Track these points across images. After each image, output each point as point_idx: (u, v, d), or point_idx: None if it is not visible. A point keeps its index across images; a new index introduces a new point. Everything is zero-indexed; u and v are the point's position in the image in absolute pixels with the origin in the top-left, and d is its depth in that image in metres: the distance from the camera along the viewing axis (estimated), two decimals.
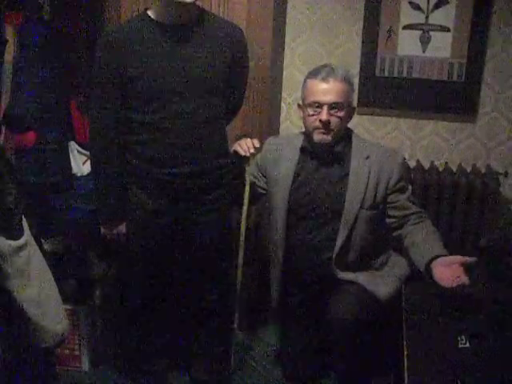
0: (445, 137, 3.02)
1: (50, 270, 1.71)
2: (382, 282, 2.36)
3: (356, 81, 3.03)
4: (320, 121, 2.31)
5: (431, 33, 2.91)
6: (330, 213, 2.37)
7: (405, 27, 2.92)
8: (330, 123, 2.31)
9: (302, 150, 2.44)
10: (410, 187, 2.46)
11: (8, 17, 2.42)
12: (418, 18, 2.90)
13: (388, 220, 2.38)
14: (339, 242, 2.34)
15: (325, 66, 2.38)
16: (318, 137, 2.35)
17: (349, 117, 2.41)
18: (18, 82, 2.46)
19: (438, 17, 2.89)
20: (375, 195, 2.34)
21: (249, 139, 2.47)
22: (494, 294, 2.13)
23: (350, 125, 3.02)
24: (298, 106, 2.48)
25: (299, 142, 2.47)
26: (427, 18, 2.90)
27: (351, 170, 2.36)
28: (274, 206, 2.46)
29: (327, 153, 2.39)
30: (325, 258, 2.37)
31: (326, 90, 2.31)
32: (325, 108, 2.31)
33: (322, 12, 3.00)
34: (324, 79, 2.32)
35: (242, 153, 2.44)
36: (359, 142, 2.43)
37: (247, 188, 2.48)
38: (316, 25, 3.02)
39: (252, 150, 2.44)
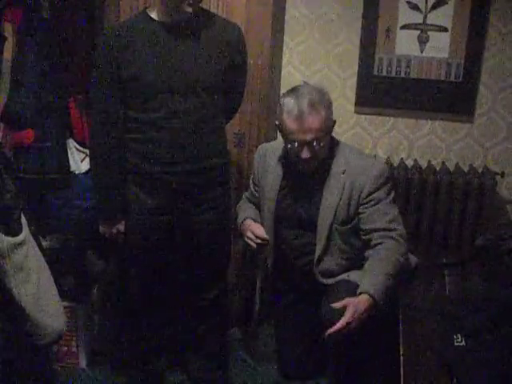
0: (442, 136, 3.03)
1: (48, 267, 1.72)
2: None
3: (354, 80, 3.04)
4: (301, 158, 2.24)
5: (429, 33, 2.91)
6: (308, 224, 2.37)
7: (403, 27, 2.93)
8: (311, 158, 2.23)
9: (286, 162, 2.42)
10: (387, 200, 2.28)
11: (7, 14, 2.43)
12: (416, 17, 2.91)
13: (360, 233, 2.32)
14: (317, 254, 2.35)
15: (298, 96, 2.19)
16: (300, 167, 2.31)
17: (330, 133, 2.30)
18: (16, 79, 2.46)
19: (436, 17, 2.89)
20: (348, 210, 2.29)
21: (249, 232, 2.39)
22: (490, 293, 2.14)
23: (348, 125, 3.07)
24: (277, 126, 2.33)
25: (284, 154, 2.42)
26: (425, 18, 2.90)
27: (325, 185, 2.31)
28: (263, 215, 2.49)
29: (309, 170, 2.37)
30: (308, 263, 2.39)
31: (304, 129, 2.17)
32: (305, 147, 2.21)
33: (320, 11, 3.01)
34: (300, 117, 2.16)
35: (253, 245, 2.38)
36: (340, 155, 2.33)
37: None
38: (315, 24, 3.03)
39: (259, 241, 2.35)
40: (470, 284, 2.29)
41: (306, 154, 2.22)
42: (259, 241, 2.35)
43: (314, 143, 2.20)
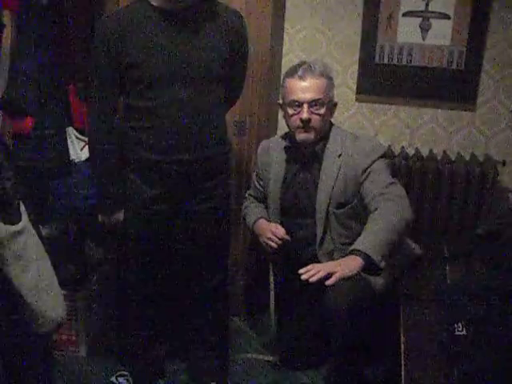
0: (444, 125, 3.02)
1: (47, 256, 1.71)
2: None
3: (355, 68, 3.03)
4: (301, 120, 2.31)
5: (431, 20, 2.89)
6: (309, 212, 2.39)
7: (405, 14, 2.91)
8: (310, 121, 2.31)
9: (287, 150, 2.46)
10: (382, 170, 2.29)
11: (6, 1, 2.41)
12: (419, 4, 2.89)
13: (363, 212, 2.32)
14: (318, 240, 2.38)
15: (302, 63, 2.37)
16: (300, 136, 2.35)
17: (330, 113, 2.40)
18: (15, 67, 2.45)
19: (438, 4, 2.87)
20: (344, 193, 2.32)
21: (270, 233, 2.42)
22: (491, 282, 2.14)
23: (349, 113, 3.05)
24: (279, 105, 2.47)
25: (285, 142, 2.48)
26: (427, 5, 2.88)
27: (322, 169, 2.36)
28: (269, 208, 2.52)
29: (309, 152, 2.39)
30: (312, 254, 2.39)
31: (305, 87, 2.30)
32: (305, 106, 2.30)
33: None
34: (301, 77, 2.30)
35: (274, 246, 2.40)
36: (337, 138, 2.38)
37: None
38: (316, 11, 3.01)
39: (280, 242, 2.39)
40: (471, 273, 2.29)
41: (305, 114, 2.30)
42: (280, 242, 2.39)
43: (314, 104, 2.30)
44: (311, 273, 1.93)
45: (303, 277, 1.93)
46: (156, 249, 2.37)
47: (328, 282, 1.92)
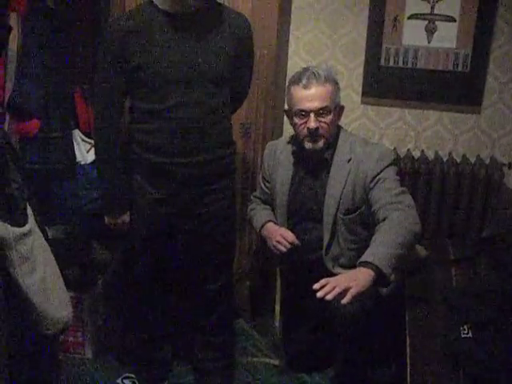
0: (449, 127, 3.01)
1: (54, 258, 1.72)
2: None
3: (361, 71, 3.03)
4: (308, 129, 2.28)
5: (437, 23, 2.89)
6: (316, 216, 2.38)
7: (410, 17, 2.91)
8: (318, 129, 2.28)
9: (294, 154, 2.45)
10: (391, 178, 2.27)
11: (12, 4, 2.42)
12: (424, 7, 2.88)
13: (370, 219, 2.30)
14: (325, 244, 2.37)
15: (306, 70, 2.31)
16: (308, 145, 2.33)
17: (338, 118, 2.37)
18: (22, 69, 2.46)
19: (444, 7, 2.87)
20: (353, 199, 2.31)
21: (279, 236, 2.40)
22: (497, 285, 2.14)
23: (354, 115, 3.05)
24: (285, 112, 2.45)
25: (293, 146, 2.47)
26: (433, 7, 2.88)
27: (330, 175, 2.35)
28: (276, 210, 2.51)
29: (317, 158, 2.39)
30: (318, 258, 2.39)
31: (310, 96, 2.26)
32: (311, 115, 2.27)
33: (327, 1, 2.99)
34: (306, 86, 2.26)
35: (283, 250, 2.39)
36: (346, 143, 2.36)
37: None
38: (321, 14, 3.00)
39: (289, 246, 2.38)
40: (477, 275, 2.28)
41: (313, 123, 2.27)
42: (290, 246, 2.37)
43: (321, 113, 2.27)
44: (327, 289, 1.86)
45: (319, 294, 1.85)
46: (161, 250, 2.38)
47: (344, 301, 1.85)
